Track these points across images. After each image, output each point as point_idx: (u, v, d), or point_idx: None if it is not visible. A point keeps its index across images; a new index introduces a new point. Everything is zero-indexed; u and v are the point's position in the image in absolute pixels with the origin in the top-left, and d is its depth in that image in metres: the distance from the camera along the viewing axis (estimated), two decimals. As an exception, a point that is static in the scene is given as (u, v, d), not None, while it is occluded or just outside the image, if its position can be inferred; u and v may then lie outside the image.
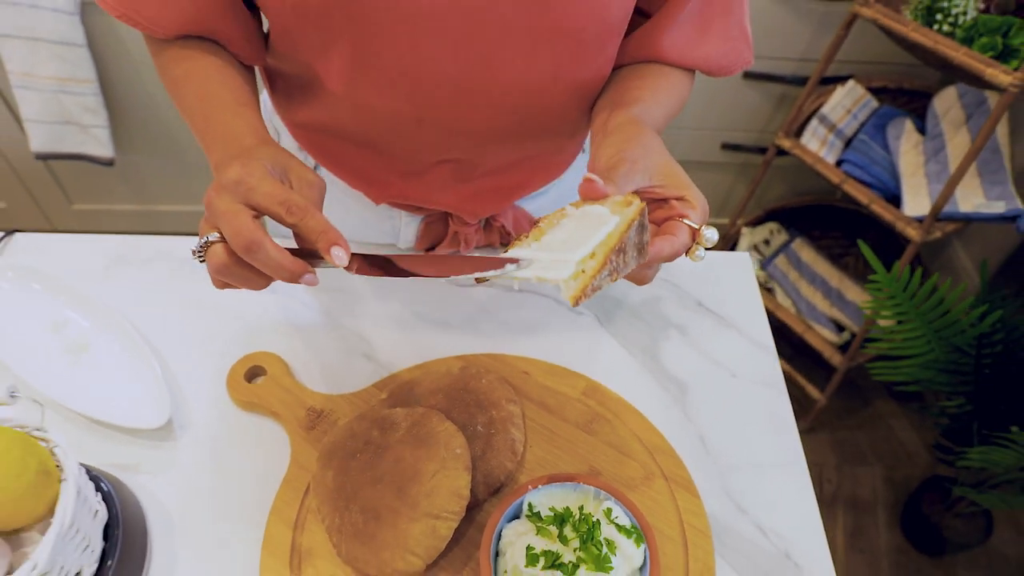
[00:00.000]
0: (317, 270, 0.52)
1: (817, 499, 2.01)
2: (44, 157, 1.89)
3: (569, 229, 0.51)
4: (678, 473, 0.66)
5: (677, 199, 0.54)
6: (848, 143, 1.70)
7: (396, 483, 0.56)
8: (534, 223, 0.53)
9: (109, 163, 1.91)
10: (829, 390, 1.79)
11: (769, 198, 2.10)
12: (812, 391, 1.83)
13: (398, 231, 0.87)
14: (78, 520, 0.53)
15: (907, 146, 1.61)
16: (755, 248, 2.03)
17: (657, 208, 0.55)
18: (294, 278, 0.51)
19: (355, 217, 0.86)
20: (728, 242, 2.06)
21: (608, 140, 0.57)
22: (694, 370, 0.76)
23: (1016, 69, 1.19)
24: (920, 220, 1.44)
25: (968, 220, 1.46)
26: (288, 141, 0.82)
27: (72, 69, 1.73)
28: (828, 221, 2.08)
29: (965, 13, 1.33)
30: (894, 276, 1.23)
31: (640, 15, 0.69)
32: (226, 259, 0.51)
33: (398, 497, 0.55)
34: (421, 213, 0.84)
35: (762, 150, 1.90)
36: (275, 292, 0.82)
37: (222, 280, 0.53)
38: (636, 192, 0.53)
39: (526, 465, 0.66)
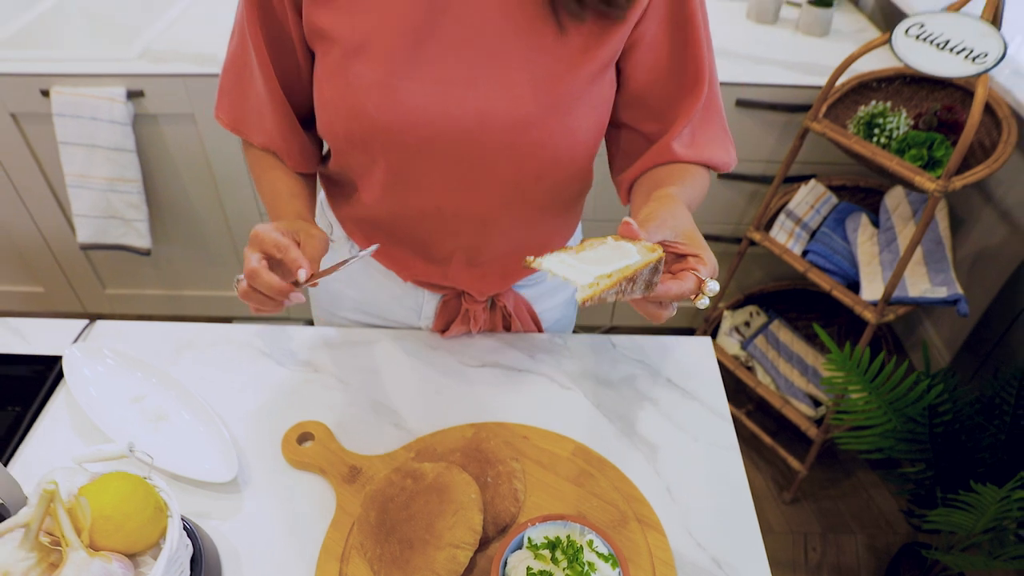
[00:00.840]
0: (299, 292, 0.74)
1: (803, 567, 2.10)
2: (88, 247, 2.09)
3: (603, 252, 0.64)
4: (649, 517, 0.81)
5: (693, 256, 0.69)
6: (813, 235, 1.90)
7: (425, 520, 0.71)
8: (583, 240, 0.68)
9: (146, 253, 2.10)
10: (808, 461, 1.92)
11: (748, 283, 2.29)
12: (794, 463, 1.96)
13: (420, 307, 1.05)
14: (179, 549, 0.68)
15: (863, 238, 1.81)
16: (736, 329, 2.21)
17: (676, 261, 0.70)
18: (282, 294, 0.72)
19: (386, 293, 1.05)
20: (711, 324, 2.24)
21: (649, 204, 0.74)
22: (663, 435, 0.93)
23: (939, 177, 1.40)
24: (875, 304, 1.63)
25: (917, 304, 1.64)
26: (339, 231, 1.03)
27: (121, 170, 1.95)
28: (804, 303, 2.27)
29: (898, 128, 1.55)
30: (847, 354, 1.41)
31: (623, 128, 0.90)
32: (245, 288, 0.74)
33: (427, 531, 0.71)
34: (440, 291, 1.02)
35: (738, 240, 2.10)
36: (318, 371, 1.00)
37: (249, 303, 0.76)
38: (662, 243, 0.68)
39: (526, 509, 0.81)
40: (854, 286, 1.76)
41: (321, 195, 1.05)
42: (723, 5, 2.14)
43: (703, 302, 0.68)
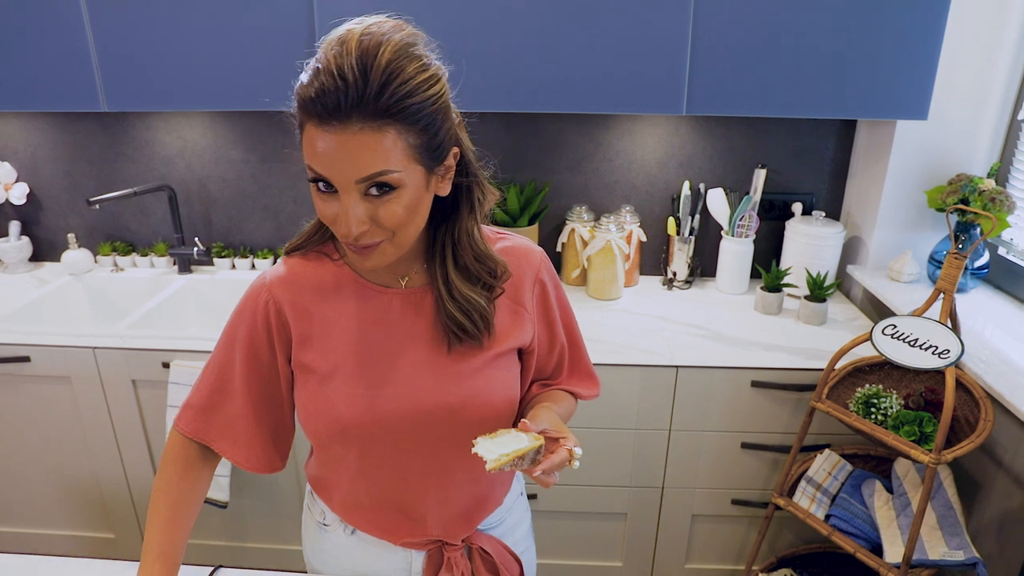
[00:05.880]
0: None
1: None
2: (173, 499, 2.31)
3: (507, 438, 0.98)
4: None
5: (562, 436, 1.01)
6: (834, 499, 2.06)
7: None
8: (493, 430, 1.02)
9: (224, 506, 2.31)
10: None
11: (780, 546, 2.40)
12: None
13: (411, 564, 1.26)
14: None
15: (880, 503, 1.97)
16: (772, 592, 2.27)
17: (552, 443, 1.01)
18: None
19: (382, 560, 1.27)
20: (747, 586, 2.31)
21: (534, 410, 1.12)
22: None
23: (930, 451, 1.62)
24: (898, 566, 1.75)
25: (938, 566, 1.76)
26: (331, 516, 1.28)
27: (216, 431, 2.23)
28: (837, 564, 2.34)
29: (892, 407, 1.81)
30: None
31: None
32: None
33: None
34: (425, 547, 1.24)
35: (765, 504, 2.26)
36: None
37: None
38: (542, 432, 1.01)
39: None
40: (878, 548, 1.89)
41: (308, 488, 1.35)
42: (734, 299, 2.54)
43: (576, 464, 0.98)
